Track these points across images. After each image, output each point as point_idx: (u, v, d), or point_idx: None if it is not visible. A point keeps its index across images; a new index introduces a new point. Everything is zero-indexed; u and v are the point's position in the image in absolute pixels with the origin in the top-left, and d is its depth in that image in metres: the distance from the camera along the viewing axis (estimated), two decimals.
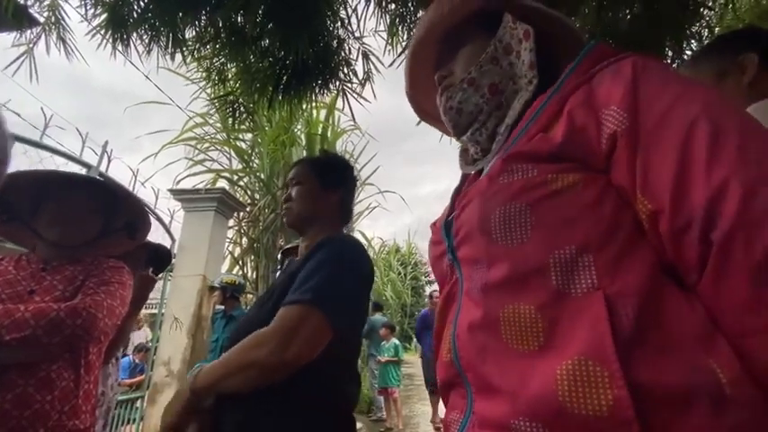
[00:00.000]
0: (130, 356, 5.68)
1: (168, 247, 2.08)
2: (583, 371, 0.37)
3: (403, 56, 1.97)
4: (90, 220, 1.27)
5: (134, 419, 3.59)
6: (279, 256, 4.27)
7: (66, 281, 1.16)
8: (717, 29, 2.57)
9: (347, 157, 6.92)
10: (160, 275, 2.54)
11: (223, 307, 3.63)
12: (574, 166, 0.47)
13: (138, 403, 3.66)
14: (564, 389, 0.38)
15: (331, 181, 1.13)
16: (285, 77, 1.97)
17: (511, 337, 0.44)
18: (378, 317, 6.62)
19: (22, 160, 2.47)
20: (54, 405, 1.03)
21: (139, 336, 5.78)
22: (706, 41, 2.33)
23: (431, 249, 0.68)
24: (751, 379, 0.35)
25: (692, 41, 2.16)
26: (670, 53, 2.10)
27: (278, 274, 4.04)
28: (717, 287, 0.37)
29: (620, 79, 0.45)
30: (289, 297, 0.88)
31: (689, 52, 2.17)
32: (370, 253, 8.97)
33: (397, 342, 5.94)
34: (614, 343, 0.37)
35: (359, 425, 5.35)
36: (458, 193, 0.69)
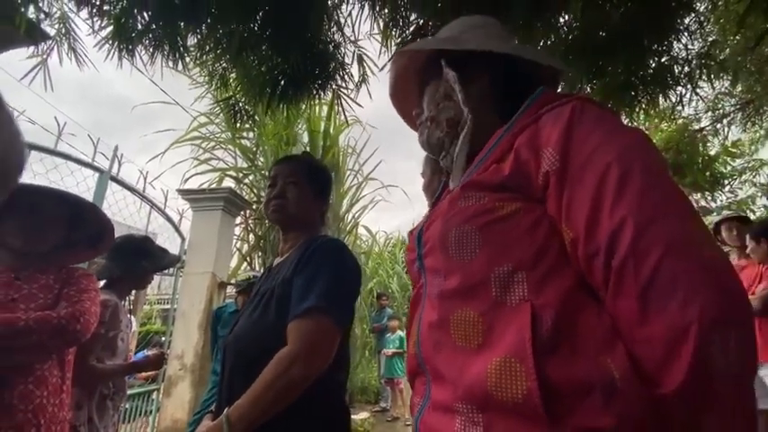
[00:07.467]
0: (146, 351, 5.87)
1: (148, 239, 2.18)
2: (507, 366, 0.46)
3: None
4: (53, 230, 1.33)
5: (150, 411, 3.75)
6: None
7: (44, 289, 1.25)
8: (711, 18, 2.58)
9: (349, 151, 6.99)
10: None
11: (233, 301, 3.74)
12: (517, 196, 0.55)
13: (155, 395, 3.82)
14: (492, 380, 0.47)
15: (322, 192, 1.21)
16: (282, 82, 2.05)
17: (458, 336, 0.53)
18: (387, 310, 6.72)
19: (38, 167, 2.59)
20: (49, 399, 1.17)
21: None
22: (696, 35, 2.35)
23: (407, 254, 0.76)
24: (638, 377, 0.43)
25: (683, 35, 2.18)
26: (657, 48, 2.13)
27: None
28: (614, 303, 0.46)
29: (559, 123, 0.54)
30: (299, 307, 0.93)
31: (677, 46, 2.19)
32: (375, 247, 9.07)
33: (402, 334, 5.99)
34: (533, 345, 0.45)
35: (365, 414, 5.49)
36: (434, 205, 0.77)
